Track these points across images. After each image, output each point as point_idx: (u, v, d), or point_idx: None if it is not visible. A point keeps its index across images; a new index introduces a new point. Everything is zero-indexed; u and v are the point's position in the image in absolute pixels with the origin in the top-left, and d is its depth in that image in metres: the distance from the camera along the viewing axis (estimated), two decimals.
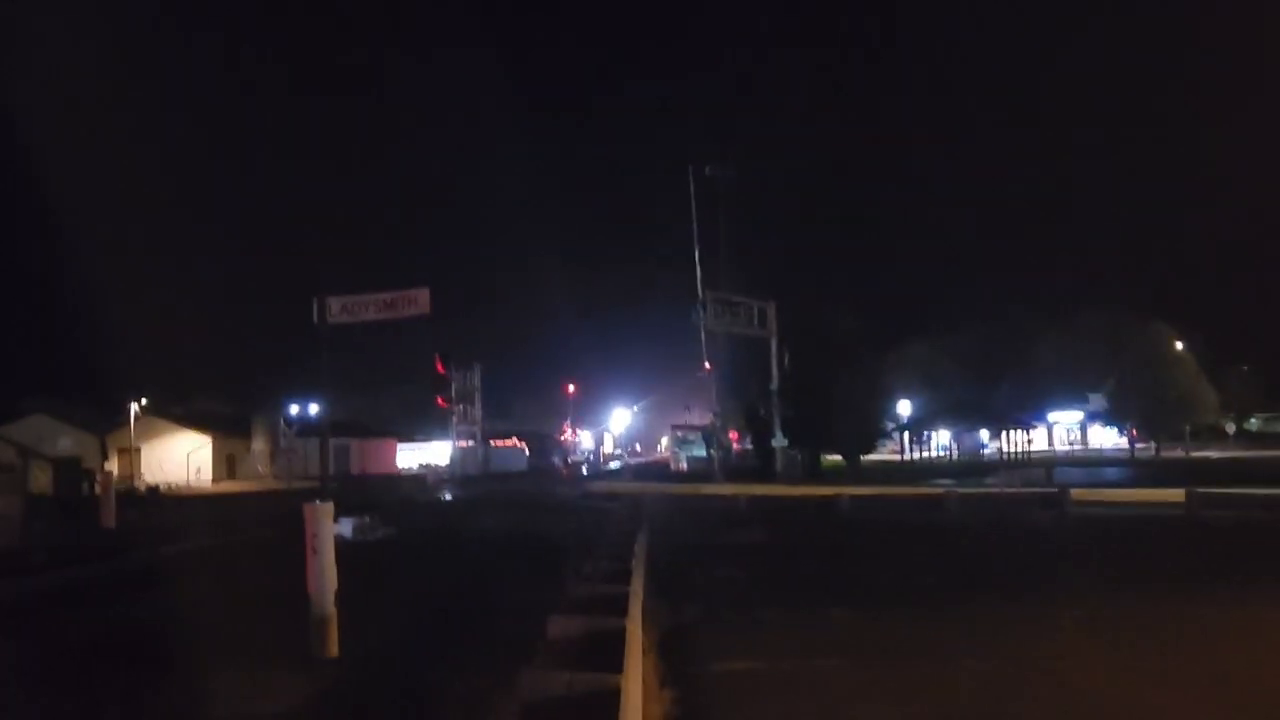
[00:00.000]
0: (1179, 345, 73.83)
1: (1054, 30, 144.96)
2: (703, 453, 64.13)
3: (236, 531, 24.90)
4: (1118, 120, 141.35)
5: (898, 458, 69.65)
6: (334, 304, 11.88)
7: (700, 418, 70.74)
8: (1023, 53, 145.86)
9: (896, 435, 70.95)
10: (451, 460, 71.14)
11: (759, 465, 52.08)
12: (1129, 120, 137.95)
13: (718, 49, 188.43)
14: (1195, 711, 7.41)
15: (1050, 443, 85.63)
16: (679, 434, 78.06)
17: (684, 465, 66.32)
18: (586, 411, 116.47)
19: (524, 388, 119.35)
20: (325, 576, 9.88)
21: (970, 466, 58.65)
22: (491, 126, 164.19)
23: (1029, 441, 70.81)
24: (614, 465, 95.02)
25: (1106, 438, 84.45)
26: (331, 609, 9.86)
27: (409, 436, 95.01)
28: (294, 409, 65.18)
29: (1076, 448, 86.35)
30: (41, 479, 27.22)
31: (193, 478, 66.35)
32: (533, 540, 20.89)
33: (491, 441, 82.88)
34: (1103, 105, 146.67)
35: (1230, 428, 79.10)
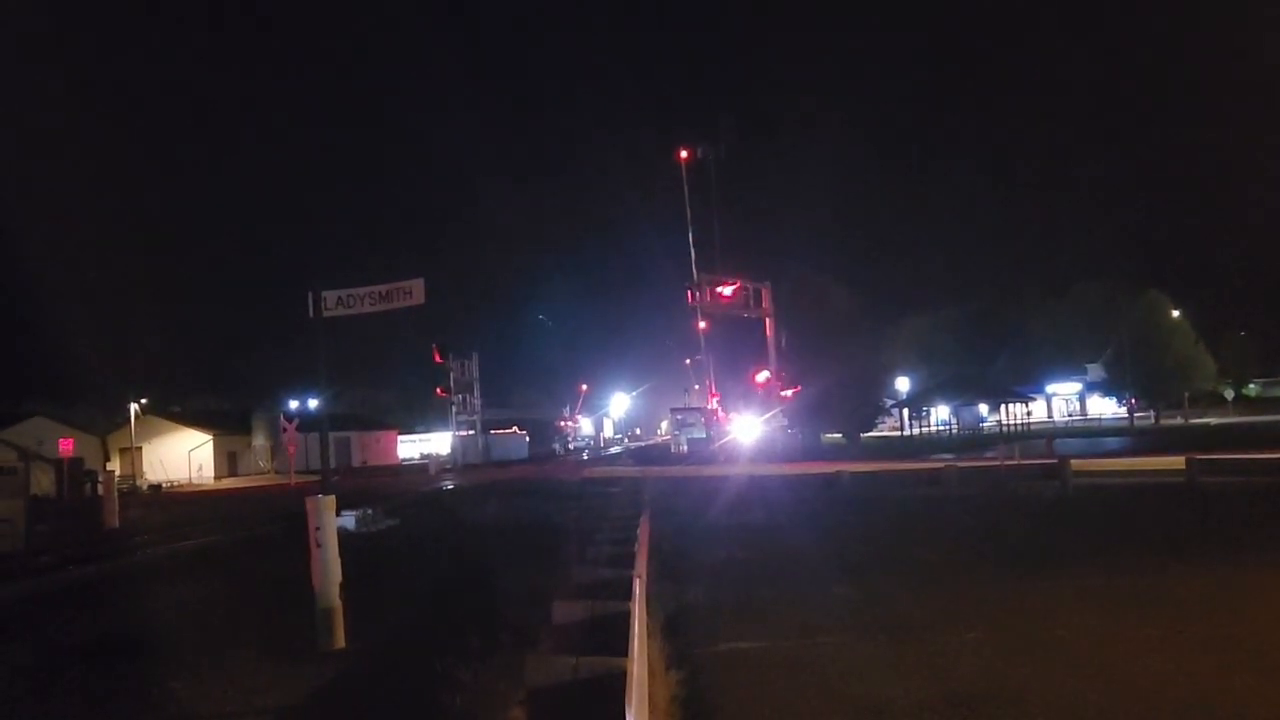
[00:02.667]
0: (1175, 313, 73.79)
1: (1050, 10, 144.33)
2: (703, 435, 64.19)
3: (240, 527, 24.97)
4: (1111, 92, 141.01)
5: (897, 433, 69.76)
6: (329, 297, 11.85)
7: (699, 400, 70.81)
8: (1015, 30, 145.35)
9: (895, 411, 71.00)
10: (452, 450, 71.20)
11: (760, 445, 52.14)
12: (1122, 92, 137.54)
13: (711, 32, 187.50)
14: (1198, 676, 7.46)
15: (1049, 414, 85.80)
16: (678, 417, 78.10)
17: (684, 448, 66.32)
18: (586, 397, 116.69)
19: (523, 376, 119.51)
20: (329, 569, 9.92)
21: (970, 440, 58.71)
22: (485, 115, 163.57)
23: (1028, 414, 70.85)
24: (614, 450, 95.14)
25: (1105, 407, 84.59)
26: (336, 601, 9.90)
27: (409, 428, 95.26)
28: (293, 404, 65.24)
29: (1076, 418, 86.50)
30: (44, 481, 27.17)
31: (195, 475, 66.53)
32: (535, 527, 20.94)
33: (492, 430, 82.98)
34: (1095, 79, 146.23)
35: (1229, 393, 79.17)
